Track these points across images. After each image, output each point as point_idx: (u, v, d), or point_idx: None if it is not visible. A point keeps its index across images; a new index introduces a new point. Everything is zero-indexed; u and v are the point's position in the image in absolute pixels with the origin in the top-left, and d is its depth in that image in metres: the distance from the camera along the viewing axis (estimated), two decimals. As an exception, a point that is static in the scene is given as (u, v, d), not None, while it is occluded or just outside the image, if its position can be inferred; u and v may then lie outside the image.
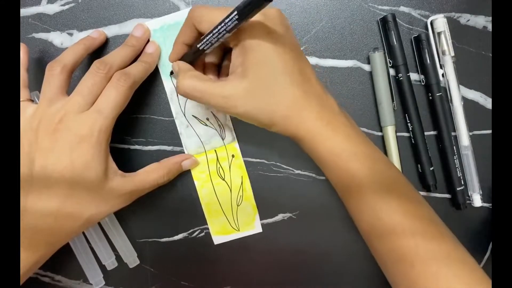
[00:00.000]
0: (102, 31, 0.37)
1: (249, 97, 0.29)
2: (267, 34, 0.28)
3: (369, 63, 0.38)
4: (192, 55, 0.33)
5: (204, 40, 0.30)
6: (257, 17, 0.27)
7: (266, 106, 0.29)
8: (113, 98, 0.32)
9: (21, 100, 0.33)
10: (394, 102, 0.38)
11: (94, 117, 0.31)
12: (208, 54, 0.34)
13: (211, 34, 0.28)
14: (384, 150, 0.39)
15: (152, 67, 0.36)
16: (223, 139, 0.39)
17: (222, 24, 0.27)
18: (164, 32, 0.37)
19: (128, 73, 0.33)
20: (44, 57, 0.38)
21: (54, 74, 0.32)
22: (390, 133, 0.38)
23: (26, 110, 0.32)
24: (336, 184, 0.32)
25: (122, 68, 0.34)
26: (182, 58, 0.34)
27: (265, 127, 0.31)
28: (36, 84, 0.38)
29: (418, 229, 0.29)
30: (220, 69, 0.36)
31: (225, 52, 0.36)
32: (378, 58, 0.37)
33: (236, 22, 0.26)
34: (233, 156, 0.39)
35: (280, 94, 0.29)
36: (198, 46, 0.30)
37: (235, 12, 0.25)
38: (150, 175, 0.36)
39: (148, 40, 0.37)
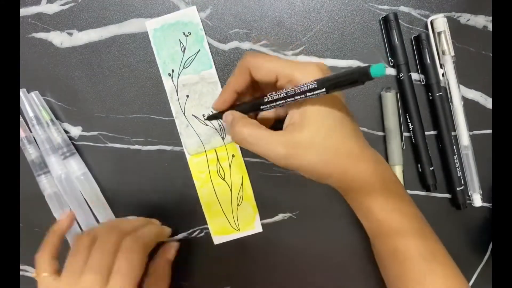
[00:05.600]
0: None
1: (311, 148, 0.28)
2: None
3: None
4: (247, 110, 0.32)
5: (272, 104, 0.29)
6: (318, 75, 0.28)
7: (326, 157, 0.28)
8: (130, 271, 0.31)
9: (44, 274, 0.31)
10: (403, 142, 0.38)
11: None
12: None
13: (283, 100, 0.28)
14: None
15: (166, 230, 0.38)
16: (223, 139, 0.39)
17: (301, 93, 0.27)
18: (165, 31, 0.37)
19: (139, 237, 0.33)
20: (43, 57, 0.38)
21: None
22: (398, 172, 0.38)
23: None
24: (372, 235, 0.32)
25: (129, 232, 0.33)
26: (235, 109, 0.33)
27: (319, 179, 0.30)
28: (35, 84, 0.38)
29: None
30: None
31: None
32: (390, 98, 0.37)
33: (323, 92, 0.26)
34: (233, 156, 0.39)
35: (339, 147, 0.29)
36: (262, 107, 0.30)
37: (323, 89, 0.25)
38: None
39: None
